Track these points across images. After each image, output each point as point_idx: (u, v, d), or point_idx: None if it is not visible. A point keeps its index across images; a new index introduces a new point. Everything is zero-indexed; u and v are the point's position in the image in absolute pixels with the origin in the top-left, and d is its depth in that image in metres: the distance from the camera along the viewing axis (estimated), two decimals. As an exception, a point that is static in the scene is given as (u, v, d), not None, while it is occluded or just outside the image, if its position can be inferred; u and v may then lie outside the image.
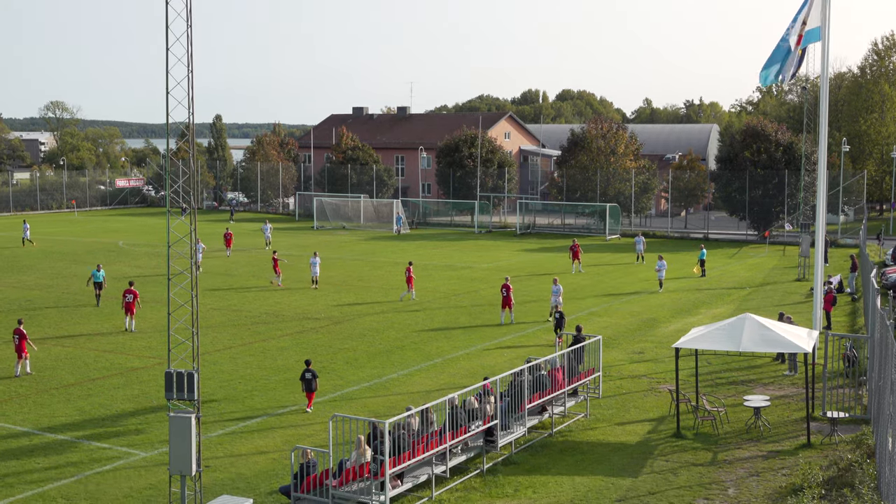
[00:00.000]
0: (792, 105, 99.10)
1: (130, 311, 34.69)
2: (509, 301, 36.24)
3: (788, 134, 69.32)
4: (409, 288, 41.34)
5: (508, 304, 36.26)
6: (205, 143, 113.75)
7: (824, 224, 32.50)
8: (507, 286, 36.37)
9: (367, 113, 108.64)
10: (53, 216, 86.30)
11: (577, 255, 50.94)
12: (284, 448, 21.77)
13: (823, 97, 30.18)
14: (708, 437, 22.78)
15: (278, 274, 45.62)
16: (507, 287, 36.34)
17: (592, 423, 24.05)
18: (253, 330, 35.20)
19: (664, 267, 44.26)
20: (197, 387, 17.40)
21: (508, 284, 36.53)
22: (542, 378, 22.76)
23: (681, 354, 23.62)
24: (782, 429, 23.27)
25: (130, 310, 34.69)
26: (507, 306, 36.28)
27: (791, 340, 22.41)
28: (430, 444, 19.01)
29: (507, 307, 36.29)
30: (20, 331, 28.39)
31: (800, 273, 48.90)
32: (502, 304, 36.44)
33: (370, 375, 28.58)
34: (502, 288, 36.62)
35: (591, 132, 76.85)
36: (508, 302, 36.22)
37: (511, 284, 37.04)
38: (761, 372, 29.03)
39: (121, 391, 26.70)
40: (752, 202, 67.57)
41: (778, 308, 37.05)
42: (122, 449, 21.81)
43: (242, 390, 26.91)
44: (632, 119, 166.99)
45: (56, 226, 75.91)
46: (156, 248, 59.47)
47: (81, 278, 46.41)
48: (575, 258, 50.93)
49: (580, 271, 50.40)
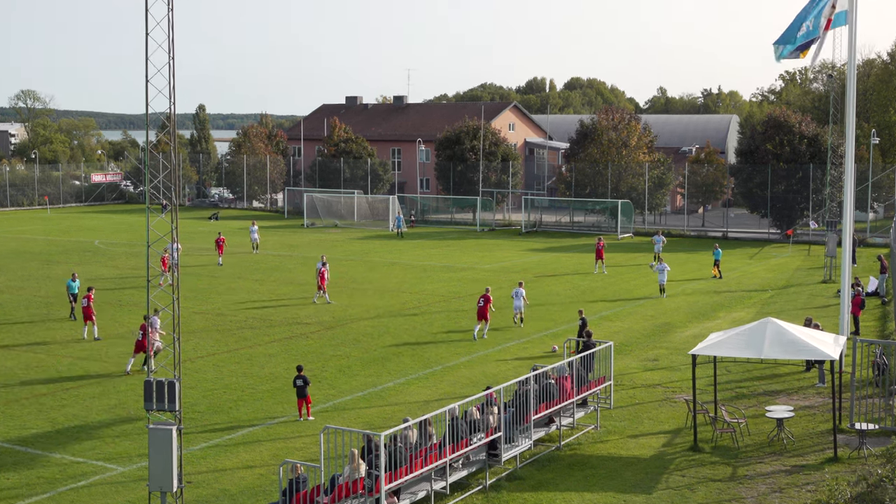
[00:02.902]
0: (817, 94, 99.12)
1: (89, 317, 34.25)
2: (485, 313, 34.85)
3: (813, 125, 69.35)
4: (483, 321, 35.36)
5: (484, 317, 34.89)
6: (187, 135, 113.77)
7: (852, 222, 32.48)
8: (487, 297, 35.03)
9: (361, 103, 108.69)
10: (24, 213, 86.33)
11: (602, 255, 51.03)
12: (272, 462, 21.76)
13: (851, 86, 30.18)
14: (727, 450, 22.78)
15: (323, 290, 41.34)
16: (487, 298, 34.97)
17: (603, 435, 24.05)
18: (238, 335, 35.19)
19: (665, 270, 43.77)
20: (178, 397, 17.40)
21: (489, 296, 35.17)
22: (549, 387, 22.76)
23: (698, 362, 23.62)
24: (807, 441, 23.27)
25: (89, 316, 34.22)
26: (482, 319, 34.90)
27: (817, 347, 22.41)
28: (428, 459, 19.00)
29: (482, 320, 34.91)
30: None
31: (826, 274, 48.90)
32: (478, 316, 35.12)
33: (364, 384, 28.58)
34: (480, 298, 35.31)
35: (602, 123, 76.87)
36: (484, 314, 34.84)
37: (491, 296, 35.73)
38: (785, 381, 29.04)
39: (96, 401, 26.69)
40: (775, 198, 67.58)
41: (803, 312, 37.04)
42: (97, 463, 21.80)
43: (227, 400, 26.90)
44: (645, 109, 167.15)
45: (27, 224, 75.93)
46: (134, 248, 59.50)
47: (54, 280, 46.42)
48: (599, 257, 51.03)
49: (603, 272, 50.44)
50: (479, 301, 35.50)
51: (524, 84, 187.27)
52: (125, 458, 22.18)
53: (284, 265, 52.61)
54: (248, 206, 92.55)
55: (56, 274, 48.54)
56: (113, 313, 38.67)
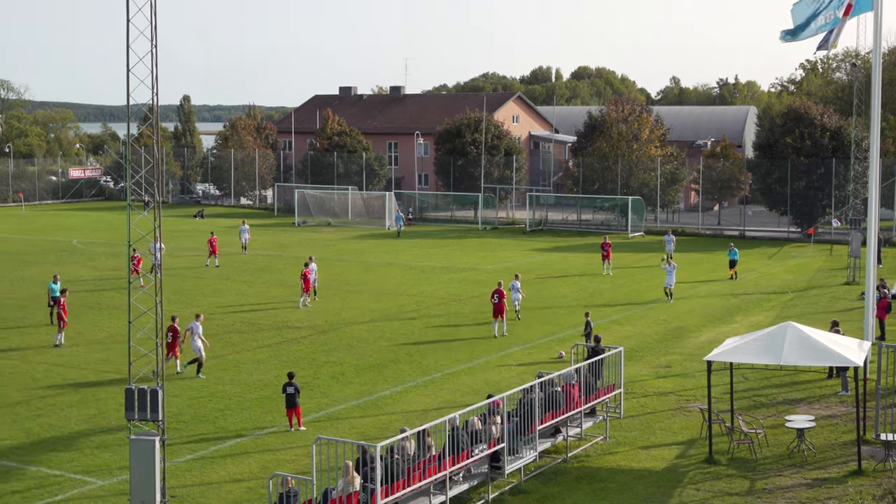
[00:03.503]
0: (840, 84, 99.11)
1: (62, 320, 34.25)
2: (501, 309, 35.86)
3: (836, 117, 69.33)
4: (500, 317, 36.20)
5: (500, 313, 35.91)
6: (171, 128, 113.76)
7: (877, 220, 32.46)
8: (501, 292, 35.98)
9: (355, 93, 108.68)
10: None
11: (609, 255, 51.05)
12: (261, 475, 21.76)
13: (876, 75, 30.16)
14: (745, 462, 22.78)
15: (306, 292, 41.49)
16: (501, 293, 35.94)
17: (613, 446, 24.05)
18: (225, 340, 35.19)
19: (674, 269, 43.29)
20: (161, 405, 17.39)
21: (502, 290, 36.08)
22: (555, 395, 22.77)
23: (714, 369, 23.62)
24: (829, 453, 23.28)
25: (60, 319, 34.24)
26: (499, 315, 35.94)
27: (840, 353, 22.41)
28: (427, 471, 19.00)
29: (499, 316, 35.95)
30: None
31: (849, 276, 48.91)
32: (493, 313, 36.14)
33: (359, 392, 28.58)
34: (494, 294, 36.15)
35: (612, 115, 76.88)
36: (500, 310, 35.85)
37: (505, 291, 36.44)
38: (805, 389, 29.05)
39: (74, 410, 26.69)
40: (795, 195, 67.56)
41: (825, 315, 37.05)
42: (75, 476, 21.79)
43: (213, 409, 26.91)
44: (657, 100, 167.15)
45: (0, 222, 75.91)
46: (115, 248, 59.48)
47: (30, 282, 46.41)
48: (606, 258, 51.07)
49: (610, 273, 50.45)
50: (493, 297, 36.12)
51: (529, 74, 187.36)
52: (105, 470, 22.18)
53: (274, 265, 52.63)
54: (236, 202, 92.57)
55: (31, 275, 48.54)
56: (92, 317, 38.68)
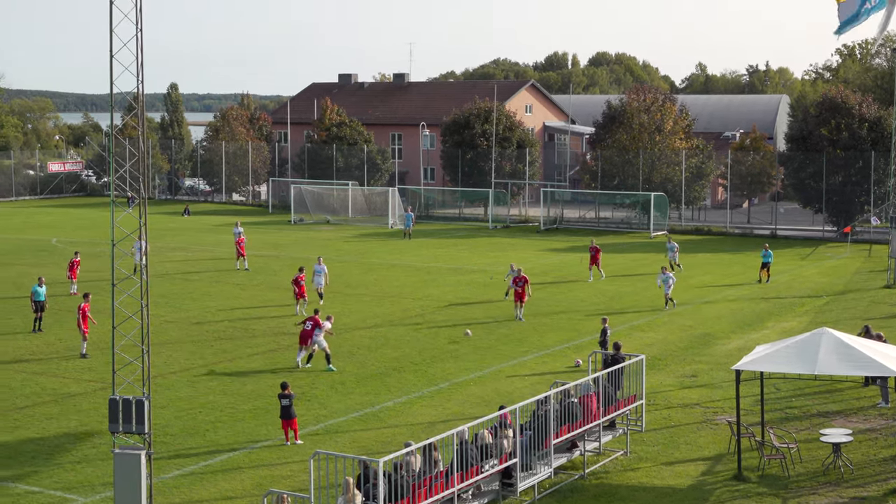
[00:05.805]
0: (880, 71, 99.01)
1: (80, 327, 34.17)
2: (523, 295, 39.58)
3: (875, 107, 69.20)
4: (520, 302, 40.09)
5: (521, 299, 39.57)
6: (157, 119, 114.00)
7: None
8: (525, 278, 39.72)
9: (356, 81, 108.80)
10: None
11: (597, 260, 50.05)
12: (255, 493, 21.79)
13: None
14: (776, 479, 22.76)
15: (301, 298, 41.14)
16: (524, 279, 39.68)
17: (634, 462, 24.05)
18: (217, 347, 35.25)
19: (669, 279, 42.62)
20: (148, 417, 17.43)
21: (525, 276, 39.86)
22: (571, 407, 22.77)
23: (743, 378, 23.59)
24: (868, 470, 23.24)
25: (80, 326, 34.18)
26: (519, 300, 39.61)
27: (879, 361, 22.36)
28: (434, 488, 19.02)
29: (519, 301, 39.62)
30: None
31: (890, 278, 48.83)
32: (515, 298, 39.77)
33: (360, 403, 28.61)
34: (516, 280, 39.78)
35: (632, 105, 76.80)
36: (521, 296, 39.56)
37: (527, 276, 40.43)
38: (842, 400, 28.99)
39: (55, 422, 26.75)
40: (831, 191, 67.46)
41: (862, 322, 36.98)
42: (55, 493, 21.84)
43: (204, 421, 26.95)
44: (682, 88, 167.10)
45: (-25, 220, 76.12)
46: (97, 247, 59.58)
47: (5, 284, 46.47)
48: (594, 263, 50.15)
49: (601, 278, 49.71)
50: (516, 283, 39.80)
51: (543, 60, 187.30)
52: (87, 487, 22.22)
53: (269, 267, 52.66)
54: (228, 199, 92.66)
55: (8, 277, 48.64)
56: (73, 322, 38.71)
